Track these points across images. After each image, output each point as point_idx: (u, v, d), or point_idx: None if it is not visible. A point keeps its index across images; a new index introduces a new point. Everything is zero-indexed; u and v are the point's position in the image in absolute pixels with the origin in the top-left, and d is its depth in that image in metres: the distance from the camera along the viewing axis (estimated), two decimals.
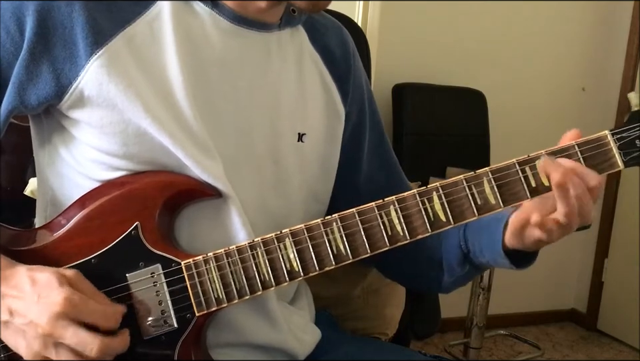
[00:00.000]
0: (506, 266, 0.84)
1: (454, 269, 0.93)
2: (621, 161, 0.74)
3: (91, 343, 0.69)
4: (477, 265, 0.91)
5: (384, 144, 1.02)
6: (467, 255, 0.90)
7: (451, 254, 0.92)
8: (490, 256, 0.86)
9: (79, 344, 0.69)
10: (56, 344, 0.70)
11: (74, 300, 0.70)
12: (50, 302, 0.69)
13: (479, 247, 0.87)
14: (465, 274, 0.93)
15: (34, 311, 0.69)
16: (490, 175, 0.75)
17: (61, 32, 0.76)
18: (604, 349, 2.93)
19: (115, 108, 0.76)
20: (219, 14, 0.83)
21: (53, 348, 0.70)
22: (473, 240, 0.88)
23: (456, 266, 0.92)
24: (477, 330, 2.45)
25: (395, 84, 2.49)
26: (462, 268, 0.92)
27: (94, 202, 0.79)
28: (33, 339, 0.70)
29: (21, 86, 0.76)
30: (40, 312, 0.69)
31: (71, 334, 0.69)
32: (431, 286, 1.01)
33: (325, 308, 1.09)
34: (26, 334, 0.70)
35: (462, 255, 0.90)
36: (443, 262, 0.94)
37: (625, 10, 2.94)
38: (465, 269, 0.92)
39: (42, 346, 0.70)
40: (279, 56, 0.88)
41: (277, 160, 0.87)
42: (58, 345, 0.70)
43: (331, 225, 0.77)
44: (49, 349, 0.70)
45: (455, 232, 0.90)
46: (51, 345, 0.70)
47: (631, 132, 0.73)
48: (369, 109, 1.00)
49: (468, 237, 0.89)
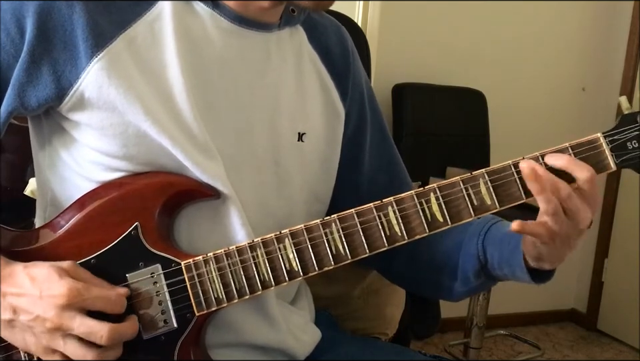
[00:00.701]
0: (525, 280, 0.83)
1: (469, 279, 0.90)
2: (613, 163, 0.75)
3: (100, 330, 0.70)
4: (493, 277, 0.89)
5: (385, 144, 1.02)
6: (484, 266, 0.87)
7: (467, 264, 0.89)
8: (508, 270, 0.84)
9: (87, 332, 0.70)
10: (64, 335, 0.70)
11: (77, 290, 0.70)
12: (53, 295, 0.70)
13: (497, 259, 0.85)
14: (479, 284, 0.91)
15: (39, 306, 0.70)
16: (486, 176, 0.76)
17: (61, 34, 0.76)
18: (604, 349, 2.93)
19: (115, 111, 0.76)
20: (220, 14, 0.83)
21: (62, 340, 0.70)
22: (492, 251, 0.86)
23: (471, 277, 0.89)
24: (477, 330, 2.45)
25: (395, 84, 2.49)
26: (477, 279, 0.89)
27: (93, 202, 0.79)
28: (41, 334, 0.70)
29: (20, 88, 0.76)
30: (45, 307, 0.70)
31: (79, 323, 0.70)
32: (442, 294, 0.98)
33: (325, 308, 1.09)
34: (34, 330, 0.71)
35: (479, 266, 0.88)
36: (459, 271, 0.91)
37: (625, 10, 2.94)
38: (480, 280, 0.90)
39: (51, 340, 0.70)
40: (278, 56, 0.88)
41: (278, 161, 0.87)
42: (66, 336, 0.70)
43: (330, 225, 0.77)
44: (58, 341, 0.71)
45: (474, 243, 0.88)
46: (60, 337, 0.70)
47: (622, 135, 0.75)
48: (370, 108, 1.00)
49: (487, 248, 0.87)
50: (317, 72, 0.94)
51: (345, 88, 0.96)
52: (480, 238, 0.87)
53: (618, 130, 0.76)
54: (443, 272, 0.93)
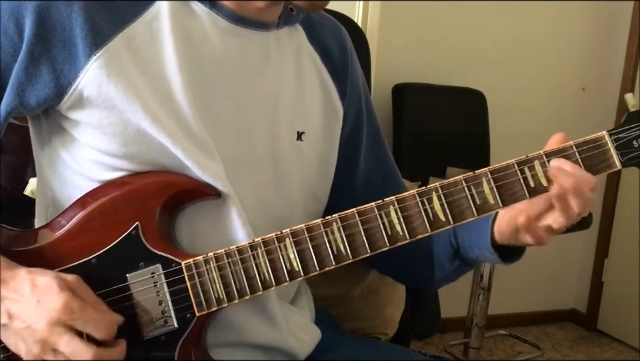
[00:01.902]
0: (495, 261, 0.86)
1: (444, 264, 0.94)
2: (618, 161, 0.75)
3: (84, 353, 0.69)
4: (467, 260, 0.92)
5: (380, 144, 1.02)
6: (457, 250, 0.91)
7: (441, 250, 0.94)
8: (479, 251, 0.88)
9: (72, 353, 0.69)
10: (54, 350, 0.70)
11: (72, 307, 0.70)
12: (48, 307, 0.69)
13: (468, 242, 0.89)
14: (454, 269, 0.94)
15: (32, 315, 0.69)
16: (489, 175, 0.76)
17: (60, 33, 0.76)
18: (604, 349, 2.93)
19: (114, 109, 0.76)
20: (218, 14, 0.83)
21: (52, 352, 0.70)
22: (462, 235, 0.90)
23: (446, 262, 0.93)
24: (477, 330, 2.45)
25: (395, 84, 2.49)
26: (452, 264, 0.93)
27: (94, 202, 0.79)
28: (32, 343, 0.70)
29: (20, 87, 0.76)
30: (38, 317, 0.69)
31: (66, 342, 0.69)
32: (421, 281, 1.02)
33: (325, 308, 1.09)
34: (24, 338, 0.70)
35: (452, 251, 0.92)
36: (434, 258, 0.95)
37: (625, 10, 2.94)
38: (455, 264, 0.93)
39: (41, 351, 0.70)
40: (277, 55, 0.88)
41: (277, 160, 0.87)
42: (56, 350, 0.70)
43: (331, 225, 0.77)
44: (48, 353, 0.70)
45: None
46: (50, 350, 0.70)
47: (628, 133, 0.75)
48: (366, 108, 1.00)
49: (457, 232, 0.91)
50: (316, 72, 0.94)
51: (344, 87, 0.96)
52: None
53: (623, 129, 0.75)
54: (420, 260, 0.96)
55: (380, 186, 0.97)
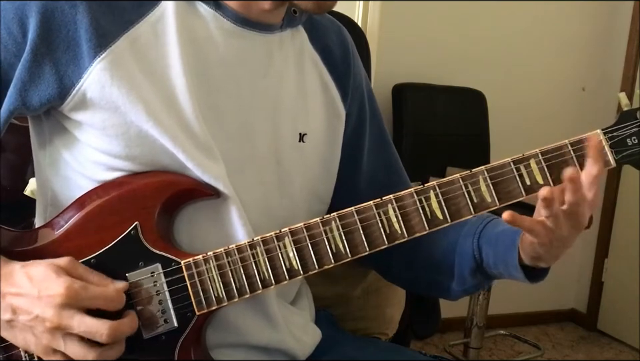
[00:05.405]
0: (520, 279, 0.82)
1: (465, 278, 0.90)
2: (612, 159, 0.76)
3: (100, 328, 0.70)
4: (489, 275, 0.88)
5: (385, 144, 1.02)
6: (479, 265, 0.87)
7: (463, 263, 0.89)
8: (504, 268, 0.84)
9: (87, 331, 0.70)
10: (65, 335, 0.70)
11: (75, 288, 0.70)
12: (51, 294, 0.70)
13: (493, 258, 0.85)
14: (475, 283, 0.91)
15: (38, 306, 0.70)
16: (486, 173, 0.76)
17: (64, 33, 0.76)
18: (604, 349, 2.93)
19: (117, 111, 0.76)
20: (222, 15, 0.83)
21: (62, 339, 0.70)
22: (487, 250, 0.86)
23: (468, 276, 0.89)
24: (477, 330, 2.45)
25: (395, 84, 2.50)
26: (473, 278, 0.89)
27: (93, 202, 0.79)
28: (41, 333, 0.70)
29: (22, 87, 0.76)
30: (44, 306, 0.69)
31: (78, 322, 0.69)
32: (440, 293, 0.98)
33: (325, 307, 1.09)
34: (34, 330, 0.71)
35: (475, 265, 0.88)
36: (455, 270, 0.91)
37: (625, 10, 2.94)
38: (477, 279, 0.89)
39: (51, 340, 0.70)
40: (280, 57, 0.88)
41: (279, 161, 0.87)
42: (67, 336, 0.70)
43: (329, 224, 0.77)
44: (59, 341, 0.70)
45: (469, 242, 0.88)
46: (60, 337, 0.70)
47: (622, 131, 0.76)
48: (369, 109, 1.00)
49: (482, 247, 0.87)
50: (318, 73, 0.94)
51: (346, 88, 0.96)
52: (475, 236, 0.87)
53: (618, 127, 0.76)
54: (440, 272, 0.93)
55: (385, 186, 0.96)
